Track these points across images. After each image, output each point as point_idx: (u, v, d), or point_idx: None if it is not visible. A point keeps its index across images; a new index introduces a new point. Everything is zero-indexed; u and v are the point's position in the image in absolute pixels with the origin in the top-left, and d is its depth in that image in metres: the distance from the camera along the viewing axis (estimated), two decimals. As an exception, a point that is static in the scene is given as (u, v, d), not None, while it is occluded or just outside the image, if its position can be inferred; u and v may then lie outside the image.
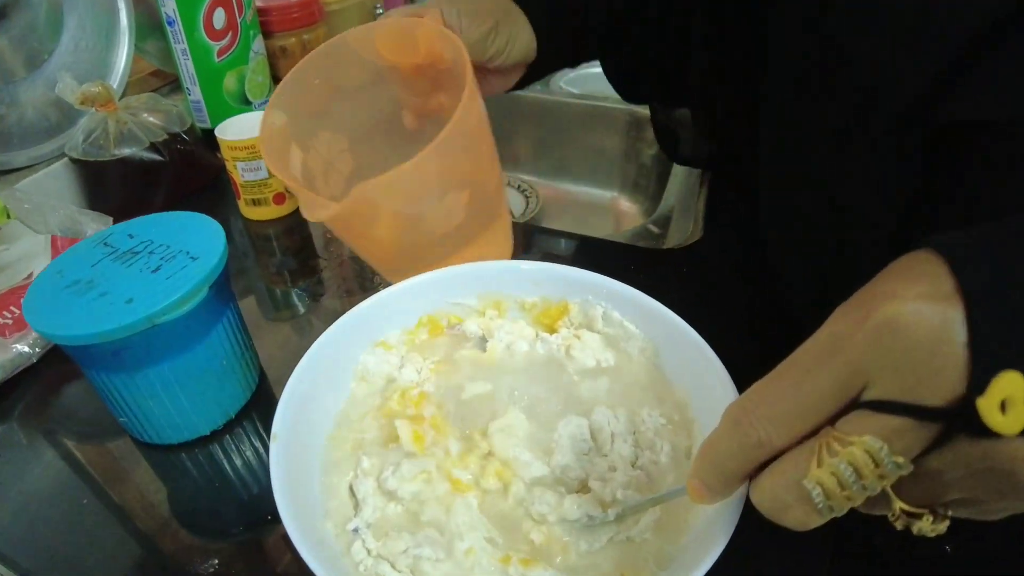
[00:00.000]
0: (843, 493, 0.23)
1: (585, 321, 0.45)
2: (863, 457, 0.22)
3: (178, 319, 0.40)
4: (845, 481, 0.22)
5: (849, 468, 0.22)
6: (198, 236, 0.44)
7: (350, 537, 0.35)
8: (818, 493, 0.23)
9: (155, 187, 0.72)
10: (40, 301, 0.40)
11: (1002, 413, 0.20)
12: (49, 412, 0.52)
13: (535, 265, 0.46)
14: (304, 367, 0.38)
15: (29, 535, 0.43)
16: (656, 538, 0.35)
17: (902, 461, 0.22)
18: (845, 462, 0.22)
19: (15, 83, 0.72)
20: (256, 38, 0.84)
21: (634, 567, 0.33)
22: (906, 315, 0.22)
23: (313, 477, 0.37)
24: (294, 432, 0.36)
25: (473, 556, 0.33)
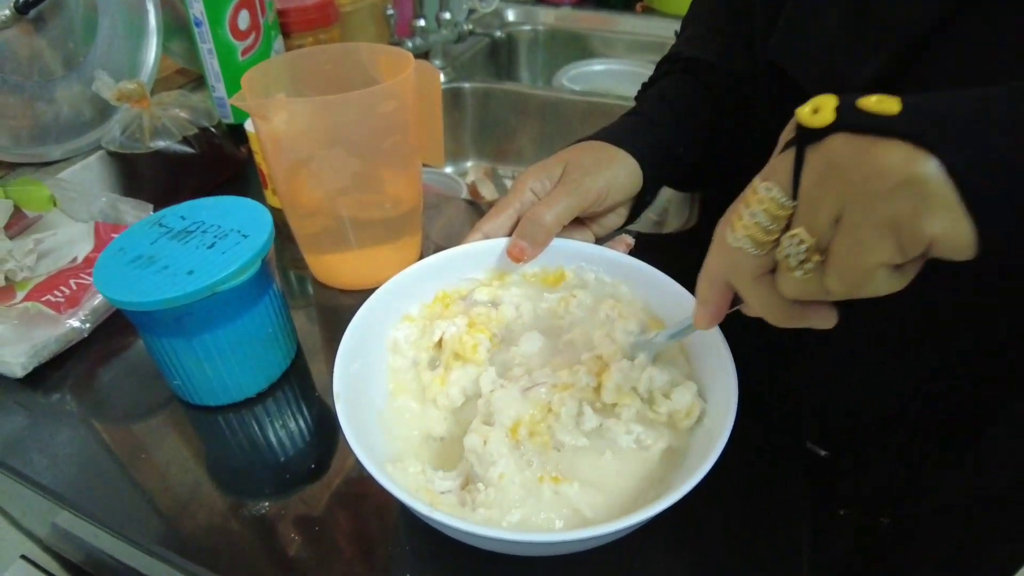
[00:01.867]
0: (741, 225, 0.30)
1: (580, 283, 0.51)
2: (748, 193, 0.30)
3: (233, 289, 0.45)
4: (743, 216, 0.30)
5: (744, 205, 0.30)
6: (245, 216, 0.49)
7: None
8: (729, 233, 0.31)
9: (186, 178, 0.76)
10: (109, 274, 0.45)
11: (813, 114, 0.27)
12: (99, 382, 0.56)
13: None
14: (349, 337, 0.43)
15: (89, 485, 0.48)
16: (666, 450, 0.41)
17: (771, 185, 0.29)
18: (742, 203, 0.30)
19: (53, 81, 0.77)
20: (277, 38, 0.89)
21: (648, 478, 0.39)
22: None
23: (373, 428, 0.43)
24: (352, 391, 0.41)
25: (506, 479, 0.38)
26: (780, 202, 0.29)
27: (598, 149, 0.54)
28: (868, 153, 0.26)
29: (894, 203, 0.25)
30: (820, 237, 0.28)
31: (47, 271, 0.62)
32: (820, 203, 0.27)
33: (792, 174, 0.28)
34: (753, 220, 0.30)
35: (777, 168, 0.29)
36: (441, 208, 0.78)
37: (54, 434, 0.51)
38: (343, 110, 0.51)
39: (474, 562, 0.42)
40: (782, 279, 0.30)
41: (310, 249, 0.64)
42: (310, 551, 0.43)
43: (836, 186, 0.27)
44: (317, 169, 0.56)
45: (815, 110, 0.27)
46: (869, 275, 0.27)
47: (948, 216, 0.25)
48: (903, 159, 0.25)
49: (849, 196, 0.26)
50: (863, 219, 0.26)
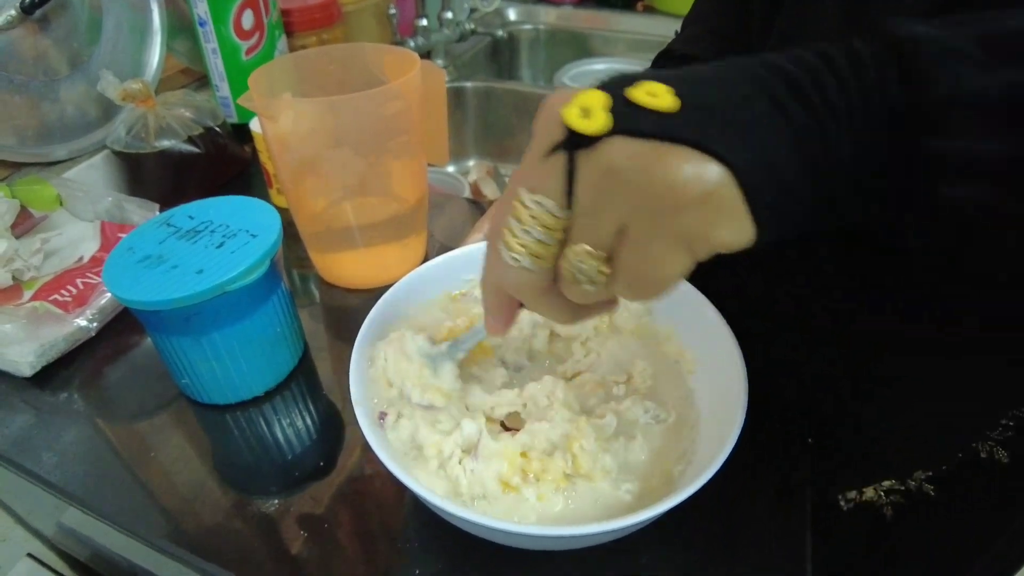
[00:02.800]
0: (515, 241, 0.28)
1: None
2: (516, 204, 0.28)
3: (243, 288, 0.45)
4: (511, 231, 0.28)
5: (514, 219, 0.28)
6: (253, 216, 0.49)
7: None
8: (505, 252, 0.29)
9: (190, 177, 0.77)
10: (118, 273, 0.45)
11: (583, 118, 0.25)
12: (107, 381, 0.57)
13: None
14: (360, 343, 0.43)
15: (97, 483, 0.48)
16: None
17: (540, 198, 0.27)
18: (512, 217, 0.28)
19: (57, 81, 0.77)
20: (280, 37, 0.89)
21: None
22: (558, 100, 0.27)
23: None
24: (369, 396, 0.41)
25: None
26: (555, 215, 0.27)
27: None
28: (655, 163, 0.24)
29: (688, 218, 0.24)
30: (606, 249, 0.27)
31: (53, 270, 0.62)
32: (601, 214, 0.26)
33: (564, 182, 0.26)
34: (529, 237, 0.27)
35: (546, 177, 0.27)
36: (444, 207, 0.78)
37: (62, 432, 0.52)
38: (349, 110, 0.52)
39: (483, 557, 0.42)
40: (571, 291, 0.29)
41: (316, 248, 0.65)
42: (318, 547, 0.43)
43: (619, 196, 0.25)
44: (323, 169, 0.56)
45: (585, 111, 0.25)
46: (664, 285, 0.27)
47: (737, 224, 0.24)
48: (695, 172, 0.23)
49: (635, 208, 0.25)
50: (654, 235, 0.25)
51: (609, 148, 0.24)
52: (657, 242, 0.25)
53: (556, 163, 0.26)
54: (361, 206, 0.60)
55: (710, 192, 0.23)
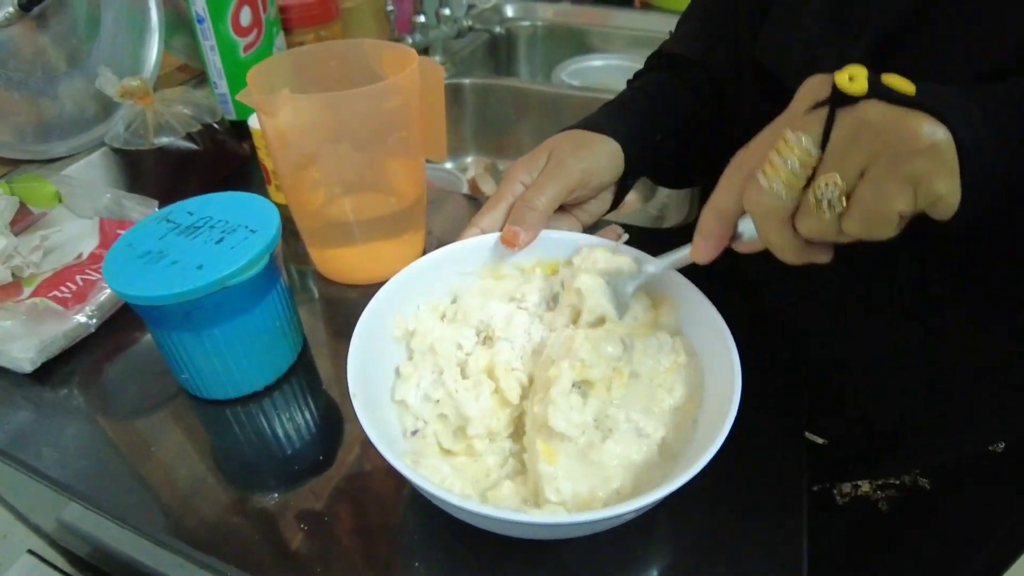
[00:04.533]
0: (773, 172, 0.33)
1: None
2: (780, 142, 0.33)
3: (243, 283, 0.45)
4: (771, 163, 0.33)
5: (775, 153, 0.33)
6: (252, 212, 0.49)
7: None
8: (763, 178, 0.34)
9: (189, 174, 0.77)
10: (118, 269, 0.45)
11: (850, 82, 0.31)
12: (107, 377, 0.57)
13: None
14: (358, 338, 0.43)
15: (98, 478, 0.48)
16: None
17: (803, 136, 0.32)
18: (773, 151, 0.33)
19: (56, 78, 0.77)
20: (278, 34, 0.89)
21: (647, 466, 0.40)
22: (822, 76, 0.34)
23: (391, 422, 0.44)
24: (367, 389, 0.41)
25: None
26: (811, 152, 0.32)
27: (579, 136, 0.55)
28: (901, 120, 0.30)
29: (918, 162, 0.30)
30: (849, 184, 0.32)
31: (53, 267, 0.62)
32: (850, 156, 0.31)
33: (823, 128, 0.32)
34: (787, 167, 0.33)
35: (808, 122, 0.33)
36: (442, 203, 0.78)
37: (62, 428, 0.52)
38: (348, 106, 0.52)
39: (482, 547, 0.42)
40: (805, 220, 0.34)
41: (314, 244, 0.65)
42: (318, 542, 0.43)
43: (867, 143, 0.31)
44: (322, 165, 0.56)
45: (851, 78, 0.31)
46: (888, 220, 0.31)
47: (952, 180, 0.30)
48: (930, 129, 0.29)
49: (879, 153, 0.30)
50: (891, 173, 0.30)
51: (866, 106, 0.31)
52: (891, 179, 0.30)
53: (819, 113, 0.32)
54: (360, 202, 0.60)
55: (938, 145, 0.29)
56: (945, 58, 0.39)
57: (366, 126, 0.54)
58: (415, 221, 0.65)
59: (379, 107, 0.53)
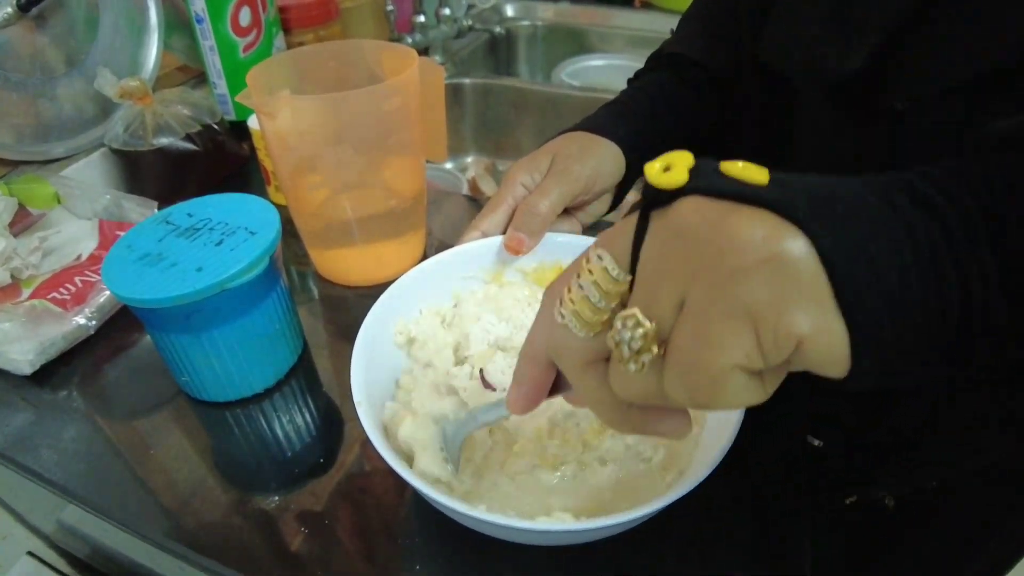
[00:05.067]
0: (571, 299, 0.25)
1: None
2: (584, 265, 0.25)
3: (242, 286, 0.45)
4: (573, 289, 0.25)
5: (574, 280, 0.25)
6: (252, 213, 0.49)
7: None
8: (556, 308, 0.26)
9: (189, 175, 0.77)
10: (117, 271, 0.45)
11: (664, 172, 0.23)
12: (106, 378, 0.57)
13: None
14: (360, 345, 0.43)
15: (97, 480, 0.48)
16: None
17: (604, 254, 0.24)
18: (575, 274, 0.25)
19: (55, 79, 0.77)
20: (278, 34, 0.89)
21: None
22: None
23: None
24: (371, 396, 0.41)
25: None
26: (613, 275, 0.24)
27: (581, 139, 0.55)
28: (724, 222, 0.21)
29: (753, 285, 0.20)
30: (660, 323, 0.23)
31: (51, 269, 0.62)
32: (661, 280, 0.22)
33: (632, 242, 0.24)
34: (581, 294, 0.25)
35: (616, 235, 0.24)
36: (442, 204, 0.78)
37: (62, 430, 0.52)
38: (349, 107, 0.52)
39: (484, 552, 0.42)
40: (614, 373, 0.25)
41: (314, 245, 0.65)
42: (318, 544, 0.43)
43: (681, 260, 0.22)
44: (322, 166, 0.56)
45: (666, 167, 0.23)
46: (719, 379, 0.22)
47: (818, 310, 0.20)
48: (767, 232, 0.21)
49: (697, 273, 0.21)
50: (713, 303, 0.21)
51: (681, 205, 0.22)
52: (715, 314, 0.21)
53: (629, 221, 0.24)
54: (359, 202, 0.60)
55: (781, 256, 0.20)
56: (946, 58, 0.39)
57: (366, 127, 0.54)
58: (415, 222, 0.65)
59: (379, 108, 0.53)
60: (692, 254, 0.21)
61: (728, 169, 0.22)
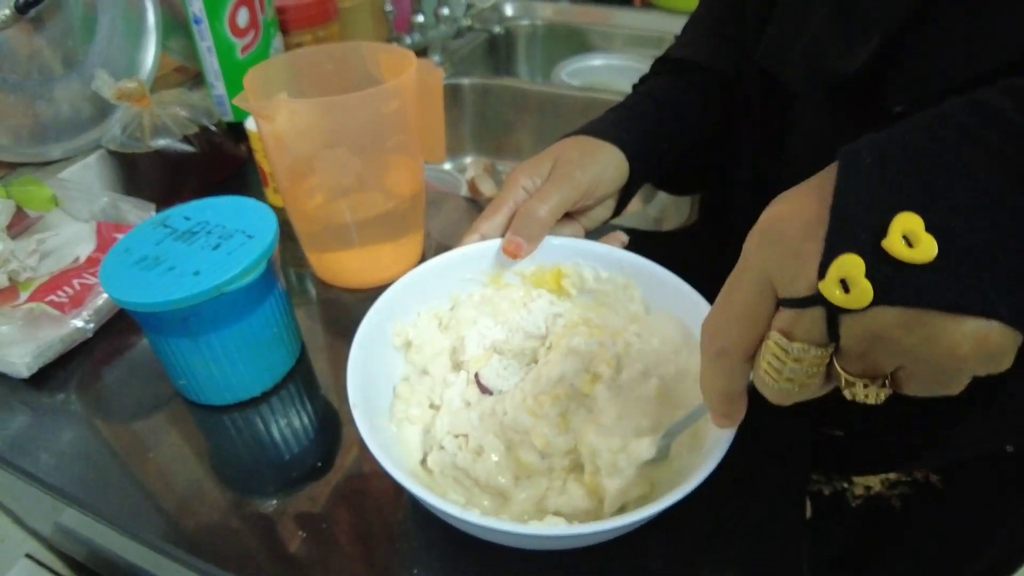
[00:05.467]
0: (779, 377, 0.27)
1: (579, 282, 0.51)
2: (775, 348, 0.27)
3: (240, 289, 0.45)
4: (774, 369, 0.27)
5: (774, 358, 0.27)
6: (250, 217, 0.49)
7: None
8: (763, 382, 0.29)
9: (186, 177, 0.76)
10: (115, 275, 0.45)
11: (844, 292, 0.24)
12: (104, 382, 0.57)
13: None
14: (357, 349, 0.43)
15: (95, 483, 0.48)
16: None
17: (799, 346, 0.26)
18: (770, 354, 0.27)
19: (52, 80, 0.76)
20: (276, 35, 0.89)
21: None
22: (782, 212, 0.26)
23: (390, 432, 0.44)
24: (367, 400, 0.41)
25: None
26: (820, 355, 0.26)
27: (585, 143, 0.54)
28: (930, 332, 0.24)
29: (969, 368, 0.24)
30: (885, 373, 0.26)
31: (49, 271, 0.62)
32: (876, 360, 0.26)
33: (826, 329, 0.26)
34: (796, 373, 0.27)
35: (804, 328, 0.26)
36: (441, 205, 0.78)
37: (59, 433, 0.51)
38: (346, 110, 0.52)
39: (485, 558, 0.42)
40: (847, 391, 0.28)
41: (312, 248, 0.65)
42: (316, 548, 0.43)
43: (894, 352, 0.25)
44: (320, 169, 0.56)
45: (843, 285, 0.24)
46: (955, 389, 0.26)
47: (1011, 354, 0.24)
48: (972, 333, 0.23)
49: (915, 358, 0.25)
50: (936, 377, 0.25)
51: (875, 317, 0.24)
52: (940, 382, 0.25)
53: (814, 318, 0.25)
54: (357, 205, 0.59)
55: (987, 345, 0.23)
56: (946, 58, 0.38)
57: (364, 130, 0.54)
58: (414, 224, 0.64)
59: (377, 111, 0.53)
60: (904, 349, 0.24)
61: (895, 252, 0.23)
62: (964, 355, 0.23)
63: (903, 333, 0.24)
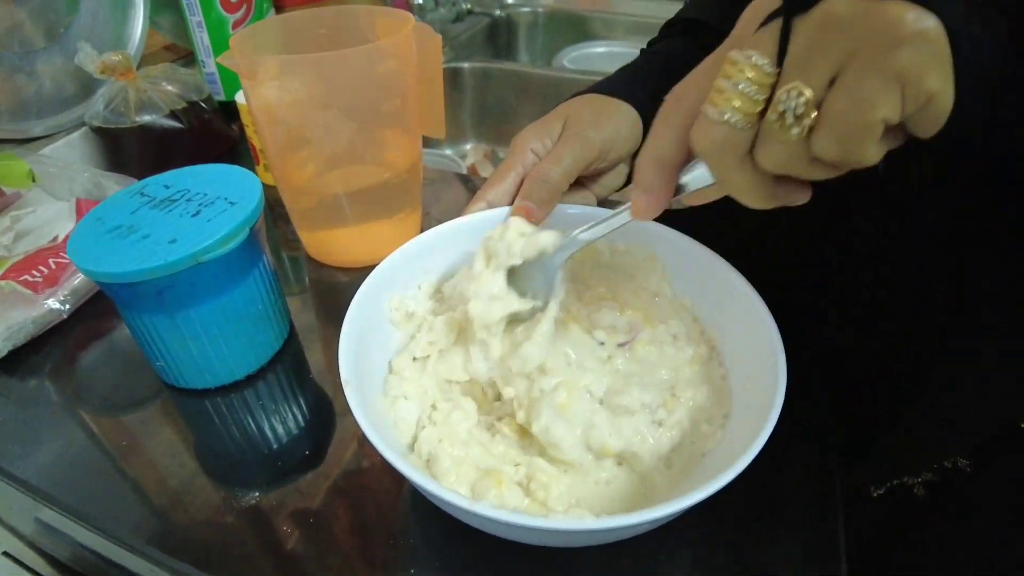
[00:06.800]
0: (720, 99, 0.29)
1: (593, 255, 0.47)
2: (726, 66, 0.29)
3: (220, 259, 0.41)
4: (718, 90, 0.29)
5: (722, 78, 0.29)
6: (233, 184, 0.45)
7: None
8: (712, 109, 0.29)
9: (173, 153, 0.73)
10: (84, 245, 0.41)
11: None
12: (80, 367, 0.53)
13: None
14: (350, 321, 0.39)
15: (70, 477, 0.45)
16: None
17: (754, 54, 0.28)
18: (722, 77, 0.29)
19: (34, 54, 0.73)
20: (269, 11, 0.85)
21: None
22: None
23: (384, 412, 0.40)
24: (360, 376, 0.37)
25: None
26: (766, 70, 0.28)
27: (597, 101, 0.51)
28: (874, 10, 0.25)
29: (904, 54, 0.25)
30: (816, 93, 0.27)
31: (26, 250, 0.58)
32: (816, 62, 0.27)
33: (778, 43, 0.28)
34: (739, 90, 0.28)
35: (759, 39, 0.28)
36: (440, 185, 0.74)
37: (31, 421, 0.48)
38: (337, 69, 0.48)
39: (489, 554, 0.39)
40: (768, 148, 0.29)
41: (304, 225, 0.61)
42: (307, 545, 0.40)
43: (837, 43, 0.26)
44: (311, 135, 0.52)
45: None
46: (869, 132, 0.27)
47: (944, 74, 0.26)
48: (915, 14, 0.25)
49: (853, 51, 0.26)
50: (870, 70, 0.26)
51: (829, 3, 0.26)
52: (872, 78, 0.26)
53: (771, 27, 0.28)
54: (351, 176, 0.56)
55: (926, 32, 0.25)
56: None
57: (357, 92, 0.50)
58: (410, 199, 0.61)
59: (371, 71, 0.49)
60: (847, 34, 0.26)
61: None
62: (906, 29, 0.25)
63: (853, 13, 0.25)
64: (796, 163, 0.29)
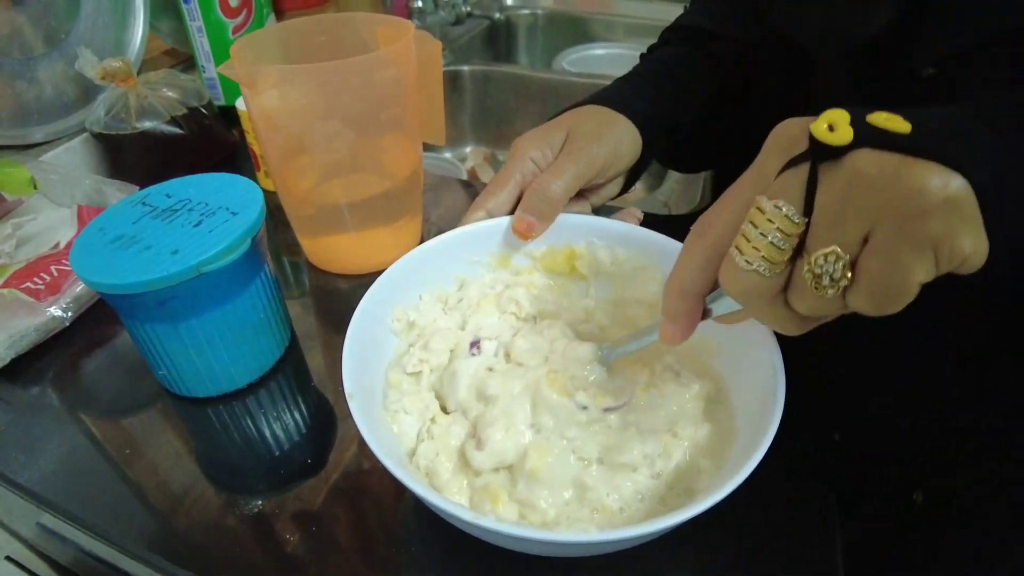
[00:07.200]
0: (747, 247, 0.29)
1: (594, 264, 0.48)
2: (753, 212, 0.28)
3: (222, 269, 0.42)
4: (744, 237, 0.29)
5: (748, 224, 0.29)
6: (234, 193, 0.46)
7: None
8: (739, 256, 0.29)
9: (175, 160, 0.73)
10: (87, 255, 0.42)
11: (830, 131, 0.26)
12: (82, 374, 0.53)
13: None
14: (353, 334, 0.39)
15: (73, 484, 0.45)
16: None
17: (782, 203, 0.27)
18: (746, 222, 0.29)
19: (34, 60, 0.73)
20: (269, 16, 0.86)
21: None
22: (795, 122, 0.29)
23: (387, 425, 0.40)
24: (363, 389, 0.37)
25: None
26: (794, 221, 0.28)
27: (599, 114, 0.51)
28: (901, 173, 0.25)
29: (934, 223, 0.25)
30: (850, 254, 0.27)
31: (27, 258, 0.59)
32: (846, 221, 0.26)
33: (804, 192, 0.27)
34: (766, 240, 0.28)
35: (785, 186, 0.28)
36: (440, 190, 0.75)
37: (33, 429, 0.48)
38: (338, 79, 0.48)
39: (492, 564, 0.39)
40: (802, 298, 0.29)
41: (305, 232, 0.61)
42: (307, 551, 0.40)
43: (865, 204, 0.26)
44: (311, 144, 0.53)
45: (830, 126, 0.26)
46: (905, 292, 0.27)
47: (977, 235, 0.25)
48: (941, 181, 0.25)
49: (882, 215, 0.26)
50: (902, 239, 0.25)
51: (856, 158, 0.26)
52: (904, 247, 0.25)
53: (797, 173, 0.27)
54: (351, 184, 0.56)
55: (954, 198, 0.25)
56: (977, 13, 0.36)
57: (357, 101, 0.50)
58: (411, 206, 0.61)
59: (371, 80, 0.49)
60: (875, 197, 0.25)
61: (876, 121, 0.26)
62: (933, 199, 0.24)
63: (879, 175, 0.25)
64: (831, 311, 0.29)
